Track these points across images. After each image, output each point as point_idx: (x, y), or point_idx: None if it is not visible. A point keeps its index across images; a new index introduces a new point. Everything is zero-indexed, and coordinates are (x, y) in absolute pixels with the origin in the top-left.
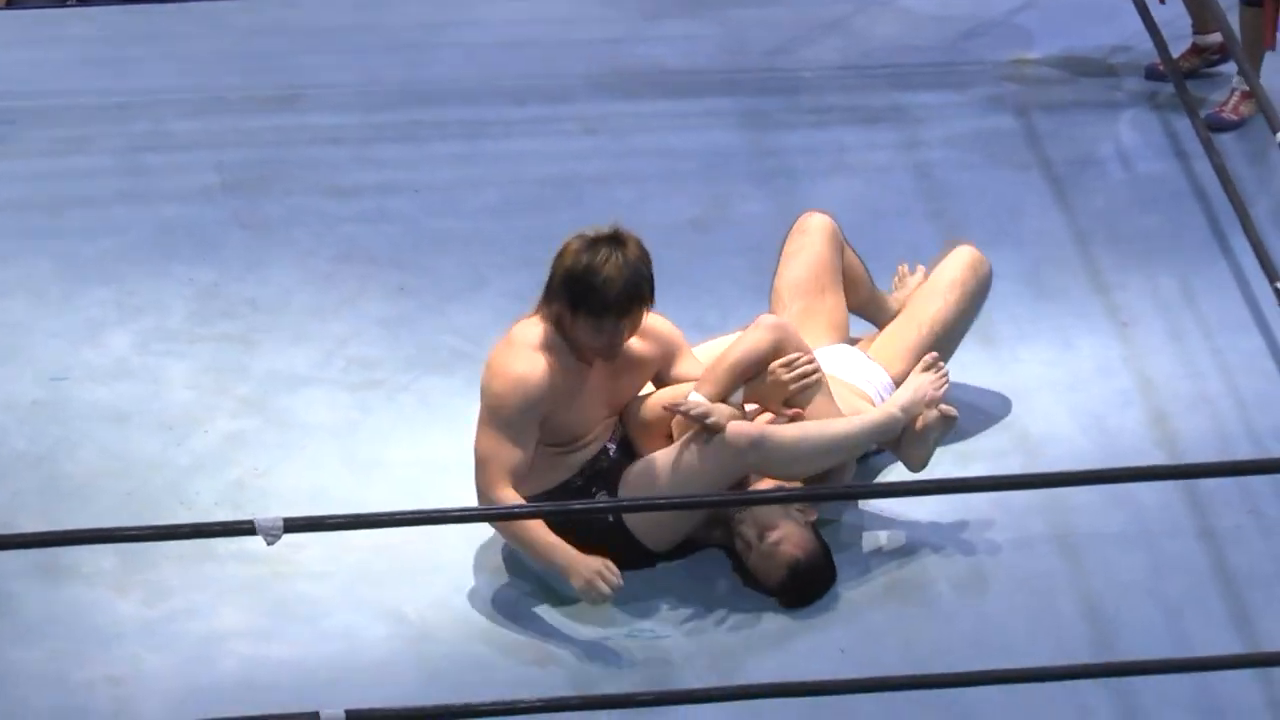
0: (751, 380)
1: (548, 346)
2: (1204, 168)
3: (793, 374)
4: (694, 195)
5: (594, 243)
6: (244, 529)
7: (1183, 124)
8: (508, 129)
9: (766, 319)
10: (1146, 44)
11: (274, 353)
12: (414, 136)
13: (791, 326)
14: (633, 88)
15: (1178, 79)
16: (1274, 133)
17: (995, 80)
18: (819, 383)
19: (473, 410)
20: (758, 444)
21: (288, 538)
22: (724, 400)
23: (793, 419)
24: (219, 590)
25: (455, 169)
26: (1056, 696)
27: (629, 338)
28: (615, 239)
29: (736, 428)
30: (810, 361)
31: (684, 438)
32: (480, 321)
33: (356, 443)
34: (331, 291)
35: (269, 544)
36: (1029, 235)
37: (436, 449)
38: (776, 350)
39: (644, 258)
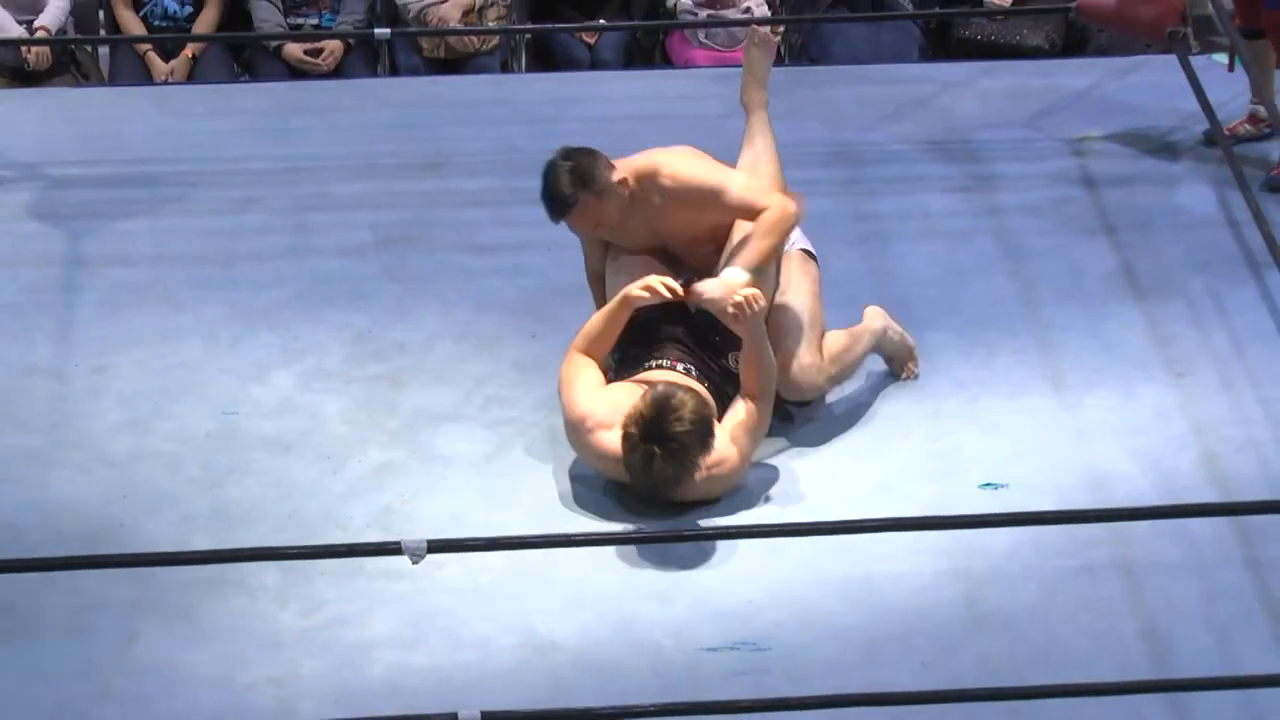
0: None
1: None
2: (1253, 234)
3: None
4: None
5: None
6: (392, 549)
7: (1234, 195)
8: None
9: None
10: (1203, 122)
11: (420, 392)
12: None
13: None
14: None
15: (1229, 153)
16: None
17: (1065, 154)
18: None
19: None
20: None
21: (430, 557)
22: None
23: None
24: (368, 603)
25: None
26: (1115, 710)
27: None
28: None
29: None
30: None
31: None
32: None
33: (492, 473)
34: (471, 338)
35: (414, 563)
36: (1095, 293)
37: (563, 480)
38: None
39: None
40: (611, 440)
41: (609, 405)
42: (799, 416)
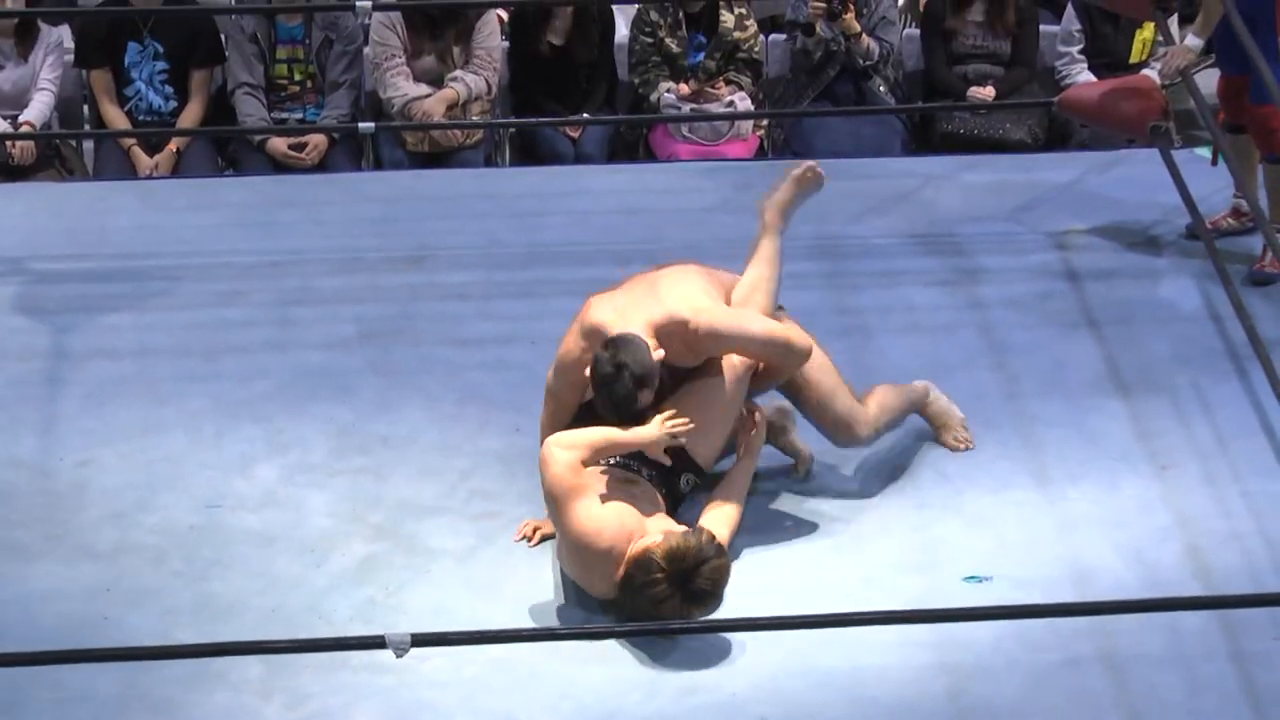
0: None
1: None
2: (1235, 328)
3: None
4: None
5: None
6: (376, 643)
7: (1217, 289)
8: None
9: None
10: (1185, 216)
11: (403, 485)
12: (530, 293)
13: None
14: (726, 252)
15: (1212, 247)
16: None
17: (1048, 248)
18: None
19: None
20: None
21: (414, 650)
22: None
23: None
24: (352, 696)
25: (567, 322)
26: None
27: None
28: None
29: None
30: None
31: None
32: None
33: (476, 567)
34: (455, 431)
35: (398, 656)
36: (1078, 387)
37: (547, 574)
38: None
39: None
40: (605, 564)
41: (621, 533)
42: (783, 511)
